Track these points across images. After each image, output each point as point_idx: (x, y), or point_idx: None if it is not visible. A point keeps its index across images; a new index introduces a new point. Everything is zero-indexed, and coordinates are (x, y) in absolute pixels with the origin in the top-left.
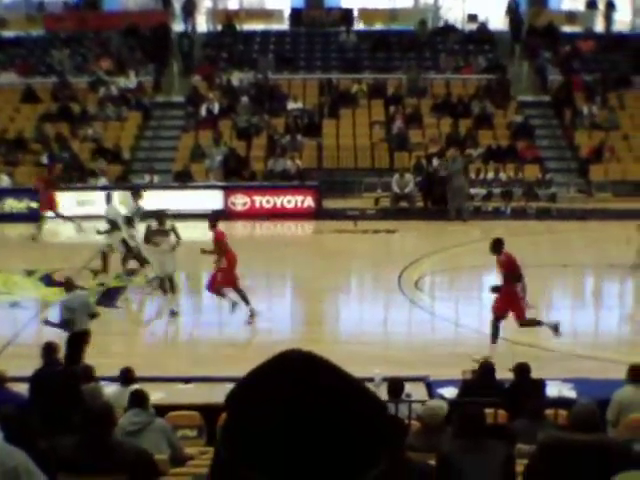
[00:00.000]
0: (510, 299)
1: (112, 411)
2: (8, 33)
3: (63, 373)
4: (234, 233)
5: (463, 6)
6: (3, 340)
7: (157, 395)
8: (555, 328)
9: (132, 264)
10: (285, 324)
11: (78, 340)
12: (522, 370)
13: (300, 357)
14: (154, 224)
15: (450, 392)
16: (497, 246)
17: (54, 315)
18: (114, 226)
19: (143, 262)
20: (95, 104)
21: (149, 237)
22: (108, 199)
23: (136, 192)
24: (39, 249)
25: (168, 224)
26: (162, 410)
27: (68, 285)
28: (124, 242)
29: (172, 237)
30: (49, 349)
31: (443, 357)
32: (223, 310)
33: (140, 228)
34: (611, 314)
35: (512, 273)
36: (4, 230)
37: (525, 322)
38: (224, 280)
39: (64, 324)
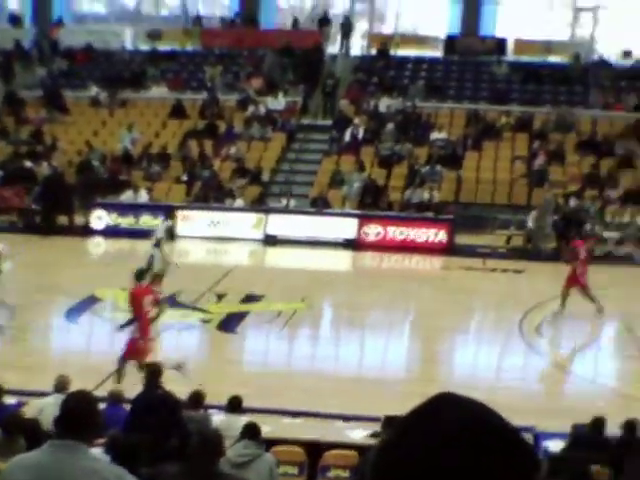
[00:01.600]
0: None
1: (222, 440)
2: (164, 46)
3: (164, 398)
4: (363, 264)
5: (619, 41)
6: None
7: (264, 428)
8: None
9: None
10: (401, 360)
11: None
12: (631, 427)
13: (459, 401)
14: None
15: (557, 445)
16: None
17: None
18: None
19: None
20: (241, 123)
21: None
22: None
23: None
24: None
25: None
26: (267, 443)
27: None
28: None
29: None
30: (152, 373)
31: (554, 407)
32: (340, 344)
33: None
34: None
35: None
36: (137, 247)
37: None
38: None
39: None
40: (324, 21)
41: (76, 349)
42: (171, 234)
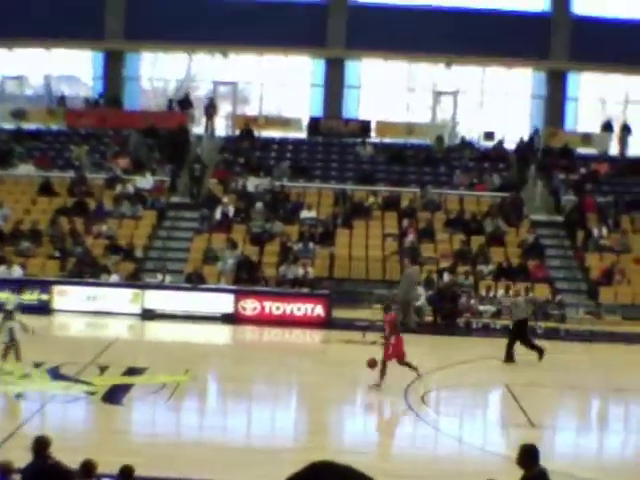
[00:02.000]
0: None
1: None
2: (28, 125)
3: (55, 468)
4: (243, 337)
5: (480, 124)
6: (5, 431)
7: None
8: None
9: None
10: (289, 431)
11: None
12: None
13: (331, 468)
14: None
15: None
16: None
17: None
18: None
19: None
20: (111, 201)
21: None
22: None
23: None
24: (48, 342)
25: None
26: None
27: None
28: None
29: None
30: (40, 443)
31: (444, 473)
32: (226, 415)
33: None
34: (615, 438)
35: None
36: None
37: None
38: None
39: None
40: (186, 103)
41: None
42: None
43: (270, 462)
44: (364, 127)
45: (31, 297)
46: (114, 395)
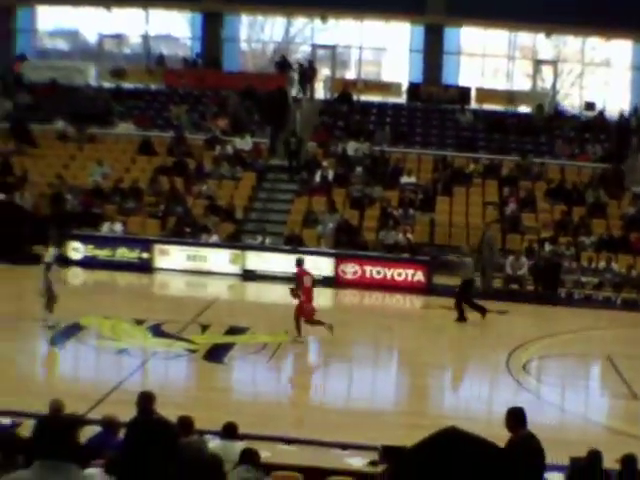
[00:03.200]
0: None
1: (222, 464)
2: (127, 84)
3: (158, 423)
4: (343, 300)
5: (580, 93)
6: (108, 386)
7: (262, 454)
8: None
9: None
10: (388, 395)
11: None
12: (628, 461)
13: (459, 435)
14: None
15: (557, 478)
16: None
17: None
18: None
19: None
20: (210, 161)
21: None
22: None
23: None
24: (149, 300)
25: None
26: (267, 469)
27: None
28: None
29: None
30: (144, 398)
31: (546, 441)
32: (327, 377)
33: None
34: None
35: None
36: (116, 278)
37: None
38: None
39: None
40: (285, 65)
41: (65, 374)
42: (64, 260)
43: (369, 425)
44: (463, 94)
45: (132, 255)
46: (215, 353)
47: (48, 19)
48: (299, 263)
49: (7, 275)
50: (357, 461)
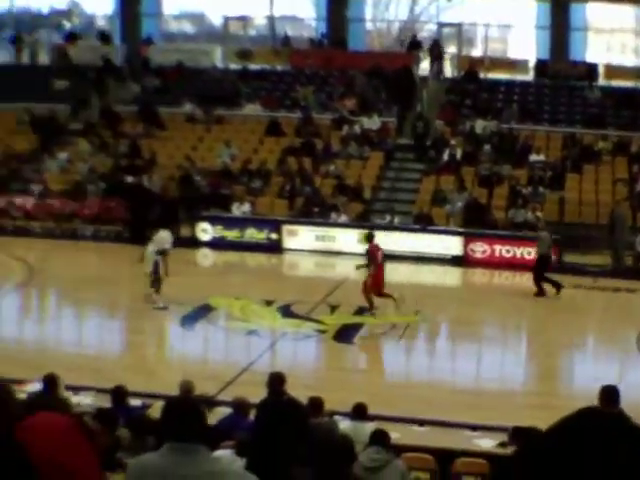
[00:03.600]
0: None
1: (353, 446)
2: (254, 65)
3: (289, 404)
4: (472, 280)
5: None
6: (238, 367)
7: (392, 435)
8: None
9: None
10: (518, 375)
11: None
12: None
13: (599, 414)
14: None
15: None
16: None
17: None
18: None
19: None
20: (338, 142)
21: None
22: None
23: None
24: (278, 281)
25: None
26: (397, 450)
27: None
28: None
29: None
30: (275, 379)
31: None
32: (456, 357)
33: None
34: None
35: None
36: (245, 259)
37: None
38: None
39: None
40: (414, 44)
41: (194, 355)
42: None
43: (499, 405)
44: (591, 70)
45: (260, 236)
46: (345, 334)
47: (173, 2)
48: (370, 238)
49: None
50: (487, 442)
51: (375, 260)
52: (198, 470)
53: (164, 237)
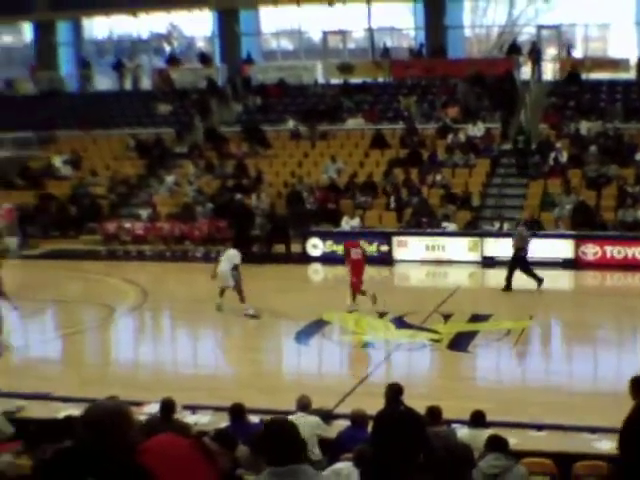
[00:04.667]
0: None
1: (472, 454)
2: (354, 79)
3: (407, 414)
4: (585, 283)
5: None
6: (355, 379)
7: (511, 441)
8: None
9: None
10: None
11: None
12: None
13: None
14: None
15: None
16: None
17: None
18: None
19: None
20: (443, 150)
21: None
22: None
23: None
24: (390, 292)
25: None
26: (515, 456)
27: None
28: None
29: None
30: (393, 390)
31: None
32: (572, 361)
33: None
34: None
35: None
36: None
37: None
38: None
39: None
40: (514, 48)
41: (310, 370)
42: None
43: (616, 407)
44: None
45: (371, 248)
46: (459, 342)
47: (272, 20)
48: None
49: (256, 273)
50: (606, 445)
51: (348, 257)
52: None
53: (234, 255)
